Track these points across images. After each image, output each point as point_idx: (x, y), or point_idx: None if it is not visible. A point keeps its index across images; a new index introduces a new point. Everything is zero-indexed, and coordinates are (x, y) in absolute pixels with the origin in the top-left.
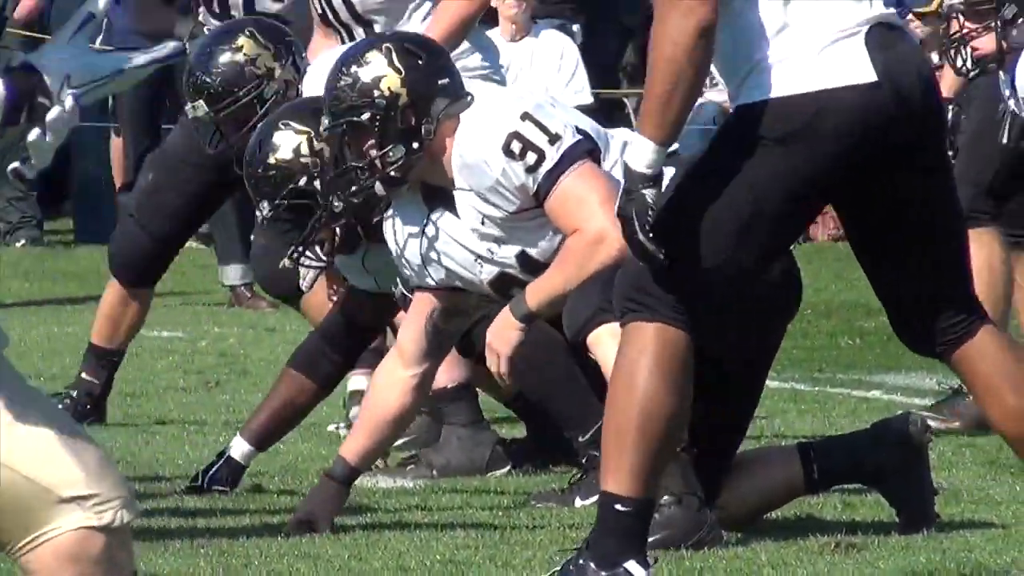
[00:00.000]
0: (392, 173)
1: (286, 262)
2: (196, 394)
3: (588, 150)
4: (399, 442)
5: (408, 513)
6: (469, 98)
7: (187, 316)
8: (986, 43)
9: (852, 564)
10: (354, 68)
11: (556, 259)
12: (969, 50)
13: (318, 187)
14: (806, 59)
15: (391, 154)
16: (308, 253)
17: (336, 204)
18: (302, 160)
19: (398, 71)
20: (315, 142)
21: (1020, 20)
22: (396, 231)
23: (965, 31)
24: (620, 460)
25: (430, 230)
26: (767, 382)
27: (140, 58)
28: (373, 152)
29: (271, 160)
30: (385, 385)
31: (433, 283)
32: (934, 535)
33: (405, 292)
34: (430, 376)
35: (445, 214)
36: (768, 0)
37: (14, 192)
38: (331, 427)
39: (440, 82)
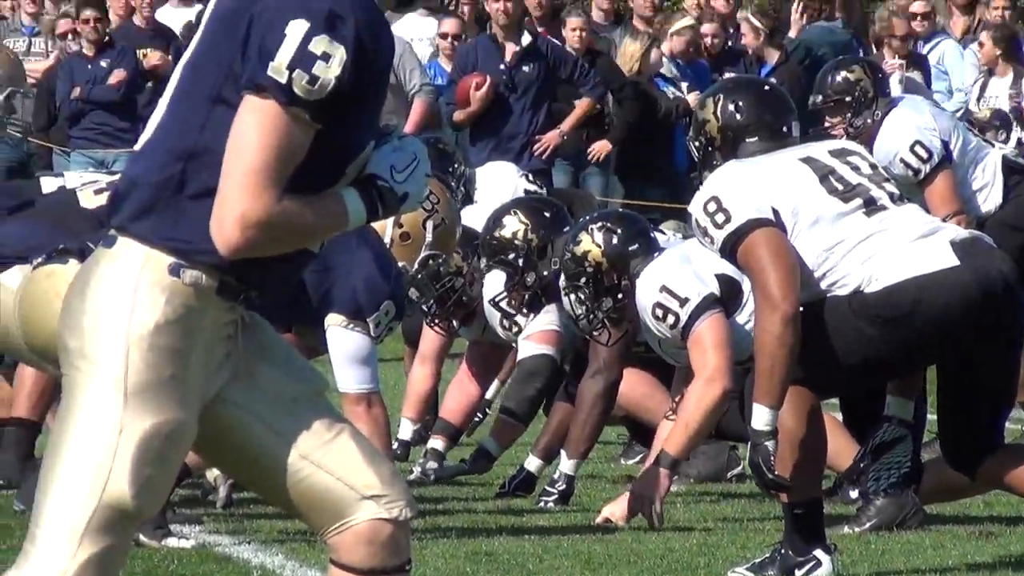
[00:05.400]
0: (611, 316)
1: (490, 307)
2: None
3: (712, 301)
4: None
5: (673, 509)
6: (656, 255)
7: None
8: None
9: (991, 547)
10: (571, 246)
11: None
12: None
13: (520, 264)
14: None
15: (603, 304)
16: (503, 304)
17: (529, 279)
18: (516, 243)
19: (598, 246)
20: (529, 233)
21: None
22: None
23: None
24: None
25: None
26: None
27: None
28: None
29: (497, 233)
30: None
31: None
32: None
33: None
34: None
35: None
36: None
37: None
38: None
39: (631, 248)
